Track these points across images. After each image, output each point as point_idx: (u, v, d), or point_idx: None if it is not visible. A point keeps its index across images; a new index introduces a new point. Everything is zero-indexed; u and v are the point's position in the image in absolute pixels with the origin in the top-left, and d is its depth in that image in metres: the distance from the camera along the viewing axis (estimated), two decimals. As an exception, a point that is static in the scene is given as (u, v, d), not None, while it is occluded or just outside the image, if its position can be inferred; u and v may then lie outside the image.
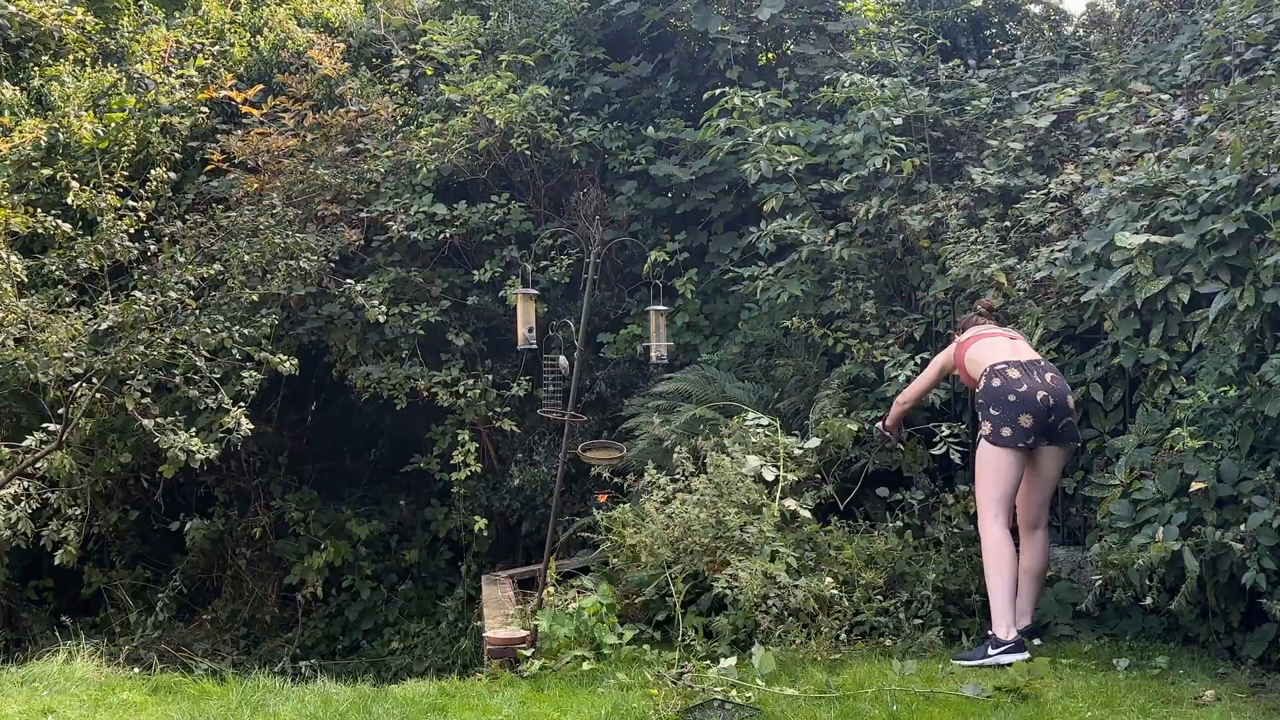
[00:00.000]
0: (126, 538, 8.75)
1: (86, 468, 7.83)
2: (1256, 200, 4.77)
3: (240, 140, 8.26)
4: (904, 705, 4.21)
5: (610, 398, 8.35)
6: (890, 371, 6.40)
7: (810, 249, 6.99)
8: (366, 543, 8.68)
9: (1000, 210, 6.52)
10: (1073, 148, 6.86)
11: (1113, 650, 4.83)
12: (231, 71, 9.13)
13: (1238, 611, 4.59)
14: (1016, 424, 4.93)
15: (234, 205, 7.90)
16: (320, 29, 9.79)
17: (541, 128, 8.27)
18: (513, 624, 5.59)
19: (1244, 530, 4.33)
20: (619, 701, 4.40)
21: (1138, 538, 4.62)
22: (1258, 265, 4.66)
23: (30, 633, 8.24)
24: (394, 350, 8.07)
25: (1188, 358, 5.06)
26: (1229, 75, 6.48)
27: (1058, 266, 5.66)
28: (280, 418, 8.65)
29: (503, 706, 4.45)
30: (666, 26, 9.03)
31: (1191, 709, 4.06)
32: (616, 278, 8.68)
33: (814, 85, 8.30)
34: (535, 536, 8.28)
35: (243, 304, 7.25)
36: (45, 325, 6.53)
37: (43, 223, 6.91)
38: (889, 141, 6.88)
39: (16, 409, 7.90)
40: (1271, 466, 4.42)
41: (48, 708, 4.30)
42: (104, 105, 8.59)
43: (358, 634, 8.69)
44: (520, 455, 8.44)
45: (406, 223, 8.10)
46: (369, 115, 8.58)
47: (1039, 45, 8.88)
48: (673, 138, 8.41)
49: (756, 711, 4.18)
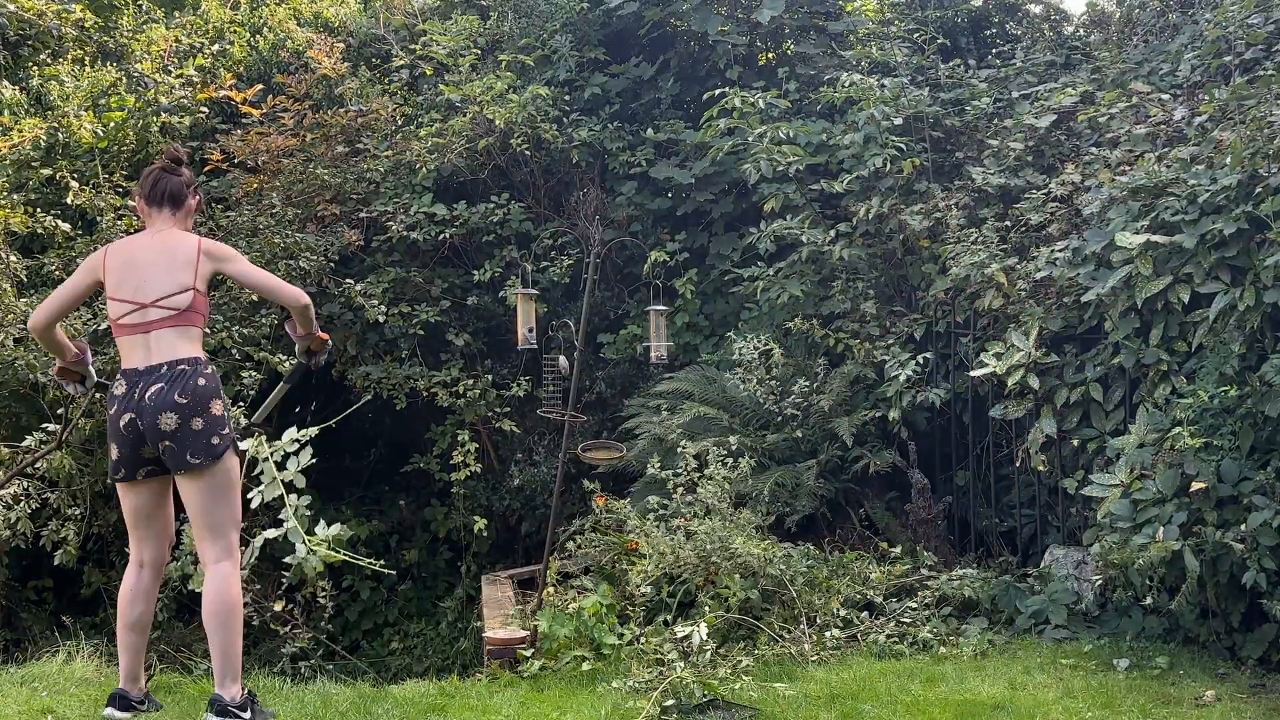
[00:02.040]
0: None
1: (86, 468, 7.81)
2: (1257, 200, 4.77)
3: (240, 140, 8.26)
4: (904, 705, 4.20)
5: (610, 398, 8.35)
6: (890, 371, 6.40)
7: (810, 249, 6.99)
8: (366, 543, 8.67)
9: (1000, 210, 6.52)
10: (1073, 148, 6.87)
11: (1113, 650, 4.82)
12: (231, 71, 9.13)
13: (1238, 611, 4.59)
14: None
15: (234, 205, 7.89)
16: (320, 29, 9.78)
17: (541, 128, 8.27)
18: (513, 624, 5.59)
19: (1244, 530, 4.33)
20: (619, 701, 4.40)
21: (1138, 538, 4.63)
22: (1258, 265, 4.67)
23: (30, 633, 8.22)
24: (394, 350, 8.07)
25: (1188, 358, 5.06)
26: (1229, 75, 6.48)
27: (1058, 266, 5.66)
28: (280, 418, 8.64)
29: (503, 706, 4.44)
30: (666, 27, 9.03)
31: (1192, 709, 4.06)
32: (616, 278, 8.68)
33: (814, 85, 8.30)
34: (535, 536, 8.27)
35: (242, 304, 7.25)
36: (45, 325, 6.51)
37: (42, 222, 6.90)
38: (889, 141, 6.88)
39: (16, 409, 7.88)
40: (1272, 466, 4.42)
41: (47, 708, 4.29)
42: (103, 105, 8.58)
43: (357, 634, 8.68)
44: (520, 455, 8.43)
45: (406, 223, 8.09)
46: (369, 115, 8.58)
47: (1039, 45, 8.88)
48: (673, 138, 8.41)
49: (756, 712, 4.18)
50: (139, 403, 3.76)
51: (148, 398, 3.75)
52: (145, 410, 3.75)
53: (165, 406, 3.74)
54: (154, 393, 3.75)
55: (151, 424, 3.74)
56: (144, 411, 3.75)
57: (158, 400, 3.74)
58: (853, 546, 6.44)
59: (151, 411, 3.74)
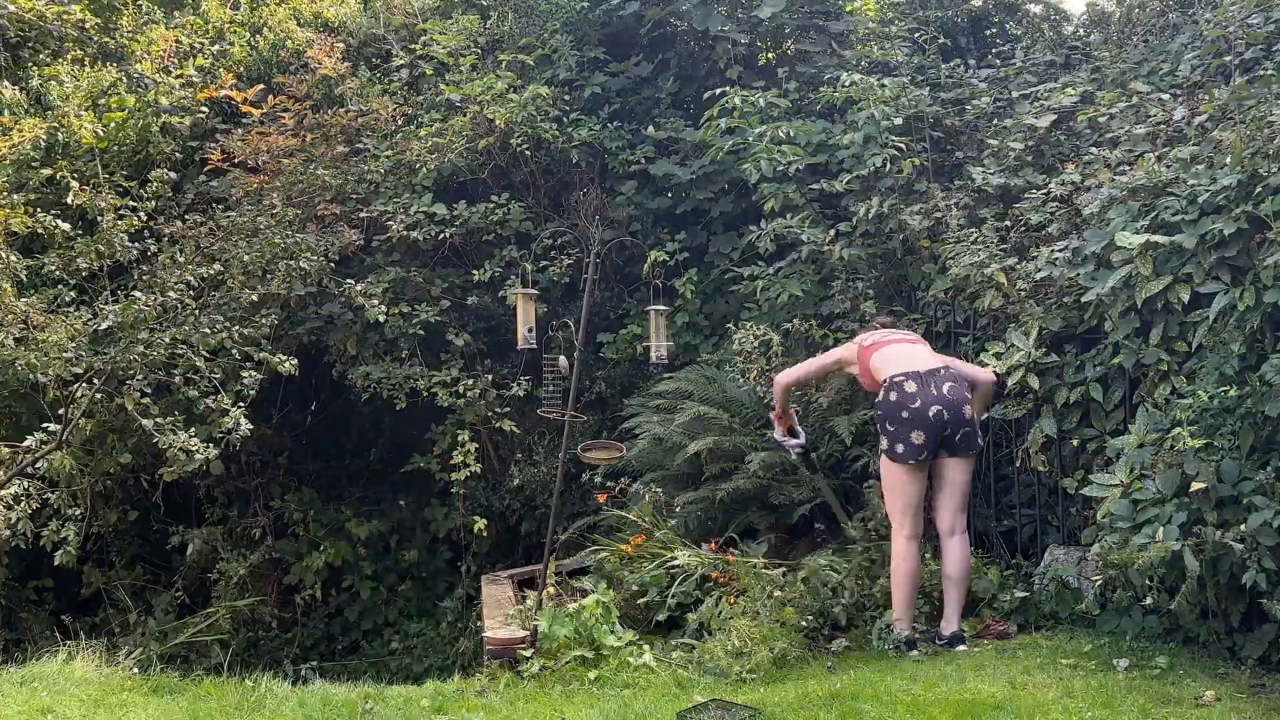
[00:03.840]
0: (126, 538, 8.75)
1: (86, 468, 7.82)
2: (1257, 200, 4.77)
3: (240, 140, 8.26)
4: (904, 705, 4.20)
5: (610, 398, 8.35)
6: (890, 371, 6.39)
7: (810, 249, 6.99)
8: (366, 543, 8.67)
9: (1000, 210, 6.52)
10: (1073, 148, 6.86)
11: (1113, 650, 4.82)
12: (231, 71, 9.13)
13: (1238, 612, 4.59)
14: (909, 441, 4.98)
15: (234, 205, 7.89)
16: (320, 29, 9.78)
17: (541, 127, 8.27)
18: (513, 624, 5.59)
19: (1244, 530, 4.33)
20: (619, 701, 4.40)
21: (1138, 538, 4.62)
22: (1258, 265, 4.66)
23: (30, 633, 8.23)
24: (394, 350, 8.07)
25: (1188, 358, 5.06)
26: (1229, 75, 6.48)
27: (1058, 266, 5.65)
28: (280, 418, 8.65)
29: (503, 706, 4.44)
30: (667, 26, 9.03)
31: (1192, 709, 4.06)
32: (616, 278, 8.68)
33: (814, 85, 8.30)
34: (535, 536, 8.27)
35: (242, 304, 7.24)
36: (45, 325, 6.52)
37: (42, 223, 6.90)
38: (889, 141, 6.88)
39: (16, 409, 7.90)
40: (1272, 466, 4.42)
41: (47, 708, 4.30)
42: (104, 105, 8.59)
43: (357, 634, 8.69)
44: (520, 455, 8.43)
45: (406, 222, 8.09)
46: (369, 115, 8.58)
47: (1039, 45, 8.88)
48: (673, 137, 8.41)
49: (756, 712, 4.18)
50: (941, 396, 4.98)
51: (946, 391, 4.97)
52: (947, 401, 4.98)
53: (963, 401, 5.01)
54: (949, 388, 5.01)
55: (956, 415, 5.00)
56: (946, 403, 4.98)
57: (955, 395, 5.01)
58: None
59: (954, 404, 5.00)
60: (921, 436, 4.98)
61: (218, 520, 8.70)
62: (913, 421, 4.98)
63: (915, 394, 5.01)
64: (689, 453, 6.59)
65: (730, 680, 4.69)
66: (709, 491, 6.47)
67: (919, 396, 5.00)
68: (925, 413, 4.98)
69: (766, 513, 6.49)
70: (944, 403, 5.00)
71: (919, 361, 5.18)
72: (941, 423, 4.98)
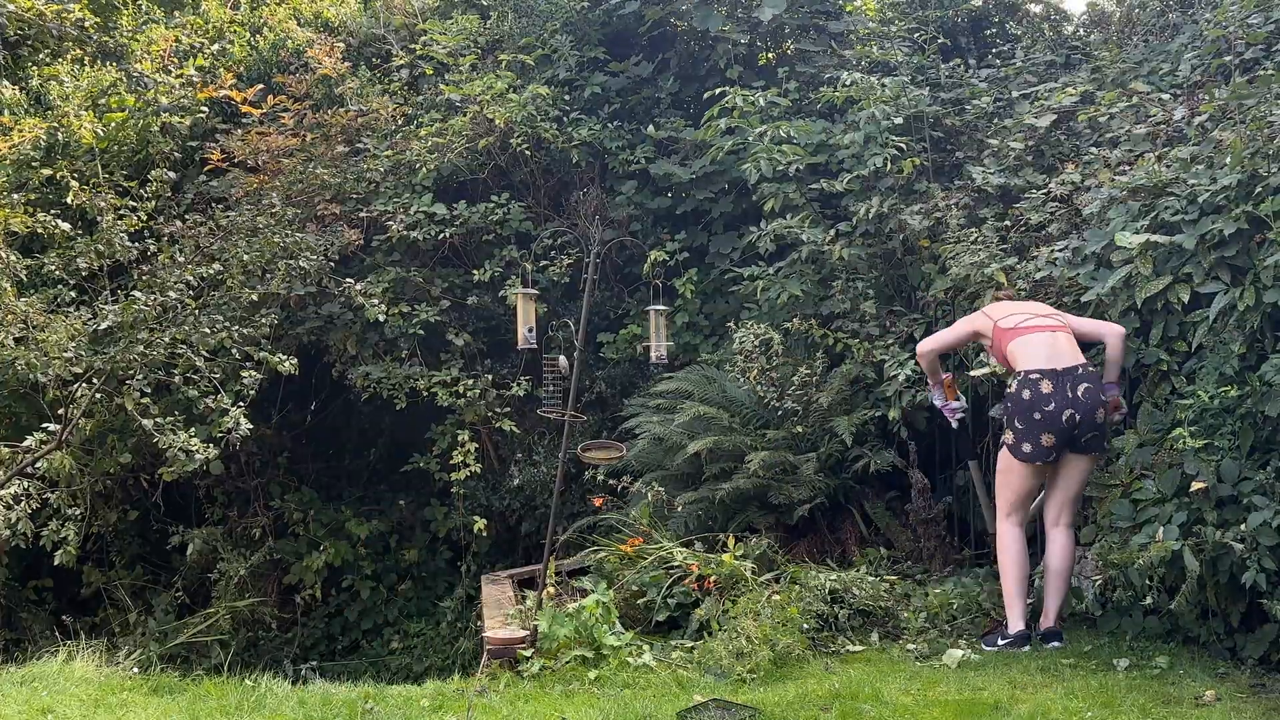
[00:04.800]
0: (126, 538, 8.74)
1: (86, 468, 7.82)
2: (1256, 200, 4.77)
3: (240, 140, 8.26)
4: (904, 705, 4.21)
5: (610, 398, 8.34)
6: (890, 371, 6.39)
7: (810, 249, 6.99)
8: (366, 543, 8.67)
9: (1000, 210, 6.52)
10: (1073, 147, 6.86)
11: (1113, 650, 4.82)
12: (231, 71, 9.12)
13: (1238, 611, 4.59)
14: (1037, 442, 4.90)
15: (234, 205, 7.89)
16: (320, 28, 9.78)
17: (541, 127, 8.27)
18: (513, 624, 5.59)
19: (1244, 530, 4.33)
20: (619, 701, 4.40)
21: (1138, 538, 4.63)
22: (1258, 265, 4.66)
23: (30, 633, 8.23)
24: (394, 350, 8.06)
25: (1188, 358, 5.06)
26: (1229, 75, 6.48)
27: (1058, 266, 5.66)
28: (280, 418, 8.65)
29: (503, 706, 4.44)
30: (667, 26, 9.03)
31: (1192, 709, 4.06)
32: (616, 278, 8.68)
33: (814, 85, 8.30)
34: (535, 536, 8.27)
35: (242, 304, 7.24)
36: (45, 325, 6.52)
37: (42, 222, 6.90)
38: (889, 141, 6.88)
39: (16, 409, 7.89)
40: (1272, 466, 4.42)
41: (47, 707, 4.30)
42: (103, 104, 8.58)
43: (357, 634, 8.68)
44: (520, 455, 8.43)
45: (406, 222, 8.09)
46: (369, 115, 8.58)
47: (1039, 45, 8.88)
48: (673, 137, 8.41)
49: (756, 712, 4.18)
50: (1075, 400, 4.85)
51: (1081, 394, 4.85)
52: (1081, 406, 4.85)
53: (1097, 404, 4.88)
54: (1084, 390, 4.86)
55: (1088, 420, 4.86)
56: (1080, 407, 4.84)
57: (1090, 399, 4.87)
58: (855, 544, 6.46)
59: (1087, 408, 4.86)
60: (1051, 439, 4.87)
61: (218, 520, 8.69)
62: (1044, 424, 4.86)
63: (1050, 395, 4.86)
64: (689, 453, 6.60)
65: (730, 680, 4.69)
66: (709, 491, 6.47)
67: (1053, 399, 4.85)
68: (1059, 416, 4.85)
69: (766, 513, 6.50)
70: (1077, 406, 4.85)
71: (1058, 356, 4.94)
72: (1073, 424, 4.85)
